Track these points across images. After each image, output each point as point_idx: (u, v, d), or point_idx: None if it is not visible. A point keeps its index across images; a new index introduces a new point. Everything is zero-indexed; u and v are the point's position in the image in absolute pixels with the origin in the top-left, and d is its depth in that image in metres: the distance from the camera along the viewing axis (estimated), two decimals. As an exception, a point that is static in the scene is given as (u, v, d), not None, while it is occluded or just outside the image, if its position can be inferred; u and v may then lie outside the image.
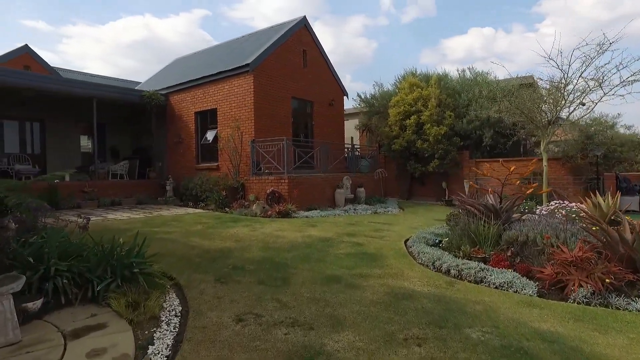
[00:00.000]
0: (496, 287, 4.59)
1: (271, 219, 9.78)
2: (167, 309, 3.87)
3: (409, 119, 15.51)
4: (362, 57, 73.85)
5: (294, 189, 11.04)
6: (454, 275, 5.10)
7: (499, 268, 5.03)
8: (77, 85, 13.33)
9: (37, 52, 17.07)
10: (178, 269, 5.19)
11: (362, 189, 13.86)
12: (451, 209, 13.53)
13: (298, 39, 14.56)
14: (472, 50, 69.89)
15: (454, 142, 15.08)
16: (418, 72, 18.14)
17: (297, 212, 10.59)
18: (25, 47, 16.60)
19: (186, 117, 14.60)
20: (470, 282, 4.86)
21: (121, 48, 67.79)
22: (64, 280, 3.75)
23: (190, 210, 11.68)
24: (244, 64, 12.50)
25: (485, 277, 4.80)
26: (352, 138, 20.04)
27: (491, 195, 6.93)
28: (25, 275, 3.68)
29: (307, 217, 10.31)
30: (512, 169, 6.73)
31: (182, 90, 14.74)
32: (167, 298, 4.14)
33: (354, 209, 11.98)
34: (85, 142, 17.24)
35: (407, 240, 7.45)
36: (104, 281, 3.92)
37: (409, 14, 71.25)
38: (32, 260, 3.79)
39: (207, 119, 14.12)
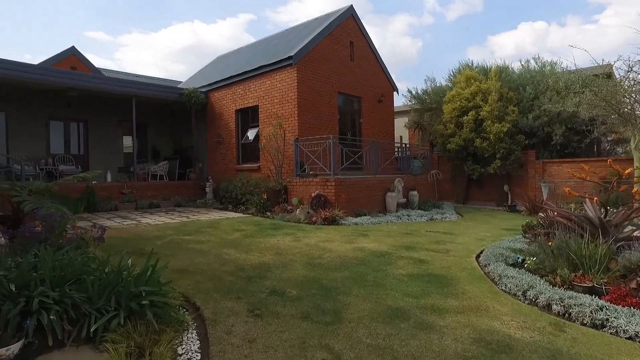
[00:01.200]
0: (630, 338, 3.31)
1: (316, 226, 8.77)
2: (183, 356, 2.92)
3: (467, 116, 14.06)
4: (407, 57, 71.76)
5: (341, 193, 9.99)
6: (559, 312, 3.84)
7: (623, 306, 3.73)
8: (116, 84, 12.97)
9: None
10: (204, 293, 4.26)
11: (415, 192, 12.59)
12: (517, 215, 12.02)
13: (344, 30, 13.50)
14: (523, 46, 65.76)
15: (518, 141, 13.48)
16: (475, 65, 16.60)
17: (345, 218, 9.53)
18: (72, 49, 16.62)
19: (227, 116, 13.92)
20: (585, 325, 3.59)
21: (171, 53, 69.84)
22: (51, 317, 2.88)
23: (229, 214, 10.90)
24: (286, 56, 11.60)
25: (608, 319, 3.51)
26: (401, 137, 18.77)
27: (590, 204, 5.54)
28: (1, 308, 2.88)
29: (356, 224, 9.22)
30: (626, 172, 5.30)
31: (222, 88, 14.08)
32: (185, 339, 3.18)
33: (408, 215, 10.76)
34: (129, 143, 17.04)
35: (479, 256, 6.23)
36: (104, 316, 3.03)
37: (455, 11, 68.41)
38: (13, 289, 2.96)
39: (248, 116, 13.36)
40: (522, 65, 15.57)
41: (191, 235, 7.44)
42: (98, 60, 61.00)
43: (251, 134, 13.07)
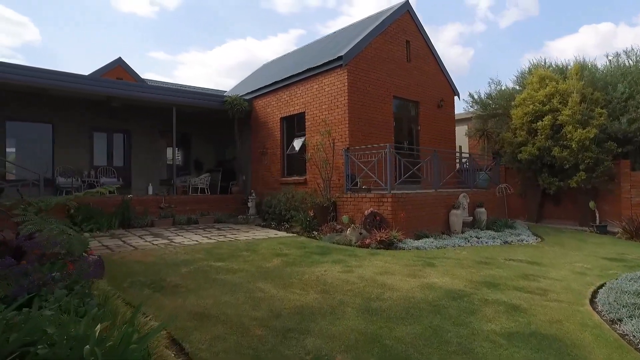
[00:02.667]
0: None
1: (370, 251, 7.42)
2: None
3: (541, 121, 12.25)
4: (458, 66, 68.99)
5: (399, 211, 8.58)
6: None
7: None
8: (156, 92, 12.38)
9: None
10: (222, 359, 3.07)
11: (483, 209, 10.91)
12: (612, 239, 10.04)
13: (400, 28, 12.17)
14: (585, 49, 60.51)
15: (608, 149, 11.46)
16: (547, 64, 14.67)
17: (404, 240, 8.10)
18: (118, 60, 16.49)
19: (271, 124, 12.95)
20: None
21: (225, 69, 72.06)
22: None
23: (272, 232, 9.79)
24: (336, 57, 10.43)
25: None
26: (460, 147, 17.03)
27: None
28: None
29: (417, 248, 7.77)
30: None
31: (266, 94, 13.16)
32: None
33: (477, 237, 9.16)
34: (177, 154, 16.61)
35: (592, 300, 4.67)
36: None
37: (509, 18, 64.87)
38: None
39: (294, 125, 12.29)
40: (609, 60, 13.45)
41: (224, 261, 6.34)
42: (159, 79, 64.18)
43: (297, 143, 11.99)
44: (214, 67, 71.66)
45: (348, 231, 8.44)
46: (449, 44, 70.95)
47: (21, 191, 10.10)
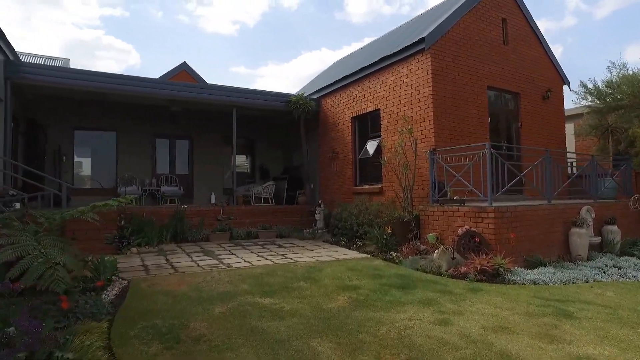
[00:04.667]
0: None
1: (469, 284, 5.49)
2: None
3: (693, 111, 9.35)
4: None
5: (505, 230, 6.52)
6: None
7: None
8: (214, 92, 11.37)
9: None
10: None
11: (615, 227, 8.39)
12: None
13: (494, 3, 10.02)
14: None
15: None
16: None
17: (513, 270, 6.05)
18: (183, 65, 16.04)
19: (341, 125, 11.39)
20: None
21: (300, 80, 73.77)
22: None
23: (341, 252, 8.17)
24: (417, 39, 8.63)
25: None
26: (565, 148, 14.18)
27: None
28: None
29: (534, 282, 5.67)
30: None
31: (335, 92, 11.64)
32: None
33: (617, 267, 6.79)
34: (242, 162, 15.75)
35: None
36: None
37: (606, 7, 57.80)
38: None
39: (368, 125, 10.63)
40: None
41: (272, 297, 4.83)
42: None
43: (371, 146, 10.30)
44: (289, 78, 73.92)
45: (435, 254, 6.57)
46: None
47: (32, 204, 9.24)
